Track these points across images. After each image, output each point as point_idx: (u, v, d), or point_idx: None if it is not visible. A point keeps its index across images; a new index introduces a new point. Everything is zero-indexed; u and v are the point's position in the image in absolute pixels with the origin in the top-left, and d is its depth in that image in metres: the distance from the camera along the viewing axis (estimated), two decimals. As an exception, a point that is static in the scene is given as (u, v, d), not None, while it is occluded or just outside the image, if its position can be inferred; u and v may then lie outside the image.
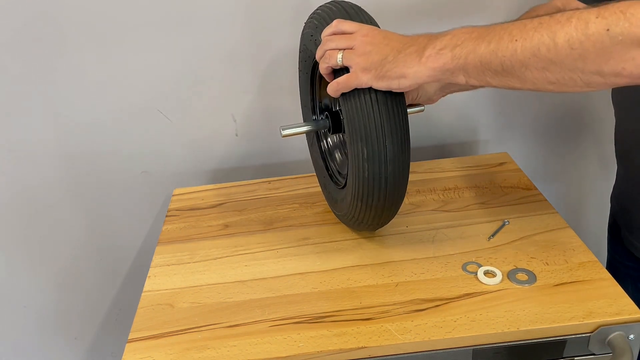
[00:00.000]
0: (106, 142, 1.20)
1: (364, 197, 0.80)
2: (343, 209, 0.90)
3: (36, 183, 1.22)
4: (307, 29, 0.89)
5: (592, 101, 1.27)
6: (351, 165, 0.80)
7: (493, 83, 0.67)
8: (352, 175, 0.80)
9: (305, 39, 0.90)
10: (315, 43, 0.84)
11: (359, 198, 0.81)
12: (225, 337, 0.79)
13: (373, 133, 0.74)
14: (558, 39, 0.60)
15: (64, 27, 1.08)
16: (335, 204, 0.95)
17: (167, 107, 1.18)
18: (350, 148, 0.78)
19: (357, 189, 0.80)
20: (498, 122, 1.27)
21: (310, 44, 0.87)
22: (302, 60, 0.96)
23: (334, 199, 0.96)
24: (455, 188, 1.08)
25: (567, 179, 1.36)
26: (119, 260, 1.34)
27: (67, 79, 1.13)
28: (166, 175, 1.25)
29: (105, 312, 1.40)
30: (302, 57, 0.96)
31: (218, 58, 1.14)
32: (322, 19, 0.84)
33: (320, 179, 1.04)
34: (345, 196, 0.87)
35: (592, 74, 0.60)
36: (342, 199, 0.90)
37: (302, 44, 0.93)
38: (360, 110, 0.74)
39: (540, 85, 0.64)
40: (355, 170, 0.78)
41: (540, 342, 0.76)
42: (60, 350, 1.44)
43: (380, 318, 0.79)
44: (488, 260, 0.88)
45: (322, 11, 0.85)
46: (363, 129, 0.74)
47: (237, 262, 0.94)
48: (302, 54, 0.95)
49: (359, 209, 0.83)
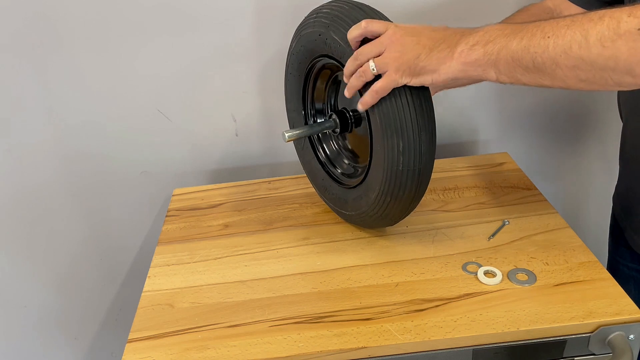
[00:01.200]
0: (106, 142, 1.20)
1: (394, 191, 0.81)
2: (360, 207, 0.90)
3: (36, 183, 1.22)
4: (312, 28, 0.86)
5: (593, 101, 1.27)
6: (382, 161, 0.80)
7: (523, 80, 0.67)
8: (384, 170, 0.80)
9: (308, 39, 0.88)
10: (325, 42, 0.83)
11: (388, 192, 0.82)
12: (225, 337, 0.79)
13: (408, 126, 0.76)
14: (590, 37, 0.59)
15: (63, 27, 1.08)
16: (345, 205, 0.94)
17: (167, 107, 1.18)
18: (382, 143, 0.78)
19: (388, 183, 0.80)
20: (498, 122, 1.27)
21: (317, 43, 0.86)
22: (296, 62, 0.94)
23: (343, 200, 0.95)
24: (455, 188, 1.08)
25: (567, 179, 1.36)
26: (119, 260, 1.34)
27: (67, 79, 1.13)
28: (166, 175, 1.25)
29: (105, 312, 1.40)
30: (295, 59, 0.94)
31: (218, 58, 1.14)
32: (335, 17, 0.82)
33: (316, 182, 1.02)
34: (365, 193, 0.87)
35: (623, 74, 0.60)
36: (358, 197, 0.90)
37: (298, 45, 0.92)
38: (394, 104, 0.76)
39: (570, 83, 0.64)
40: (387, 165, 0.79)
41: (540, 342, 0.76)
42: (60, 350, 1.44)
43: (380, 318, 0.79)
44: (488, 260, 0.88)
45: (332, 9, 0.83)
46: (398, 123, 0.76)
47: (237, 262, 0.94)
48: (296, 56, 0.93)
49: (387, 203, 0.83)
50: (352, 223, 0.98)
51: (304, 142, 1.01)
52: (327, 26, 0.83)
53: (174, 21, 1.10)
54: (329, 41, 0.83)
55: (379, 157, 0.80)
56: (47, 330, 1.41)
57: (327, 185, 0.99)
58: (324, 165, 0.99)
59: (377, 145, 0.80)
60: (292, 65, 0.96)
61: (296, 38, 0.92)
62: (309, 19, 0.88)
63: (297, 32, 0.92)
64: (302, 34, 0.90)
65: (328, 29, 0.83)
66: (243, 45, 1.13)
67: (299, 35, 0.91)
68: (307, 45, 0.89)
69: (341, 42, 0.80)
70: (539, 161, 1.33)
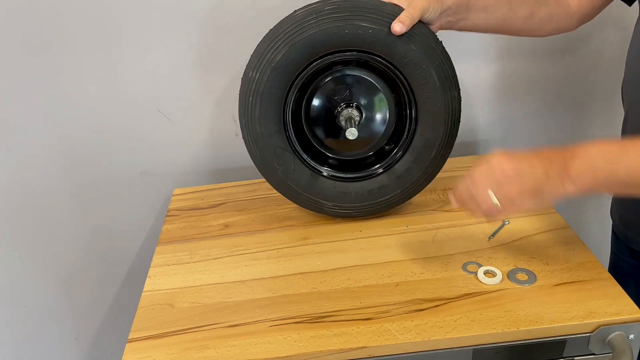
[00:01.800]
0: (106, 142, 1.20)
1: (450, 141, 0.94)
2: (410, 178, 0.96)
3: (36, 183, 1.22)
4: (318, 27, 0.85)
5: (593, 101, 1.27)
6: (442, 114, 0.91)
7: (629, 192, 0.73)
8: (445, 123, 0.91)
9: (311, 40, 0.86)
10: (343, 34, 0.85)
11: (447, 144, 0.94)
12: (225, 337, 0.79)
13: (455, 78, 0.90)
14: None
15: (63, 27, 1.08)
16: (369, 193, 0.97)
17: (167, 107, 1.18)
18: (442, 97, 0.89)
19: (449, 135, 0.93)
20: (498, 122, 1.26)
21: (324, 41, 0.86)
22: (280, 74, 0.89)
23: (365, 190, 0.97)
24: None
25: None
26: (119, 260, 1.34)
27: (67, 80, 1.13)
28: (166, 175, 1.25)
29: (105, 312, 1.40)
30: (280, 71, 0.88)
31: (218, 58, 1.14)
32: (353, 7, 0.85)
33: (313, 194, 0.98)
34: (419, 158, 0.94)
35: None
36: (407, 170, 0.96)
37: (290, 53, 0.87)
38: (446, 59, 0.89)
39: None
40: (449, 117, 0.91)
41: (540, 342, 0.76)
42: (60, 350, 1.44)
43: (380, 318, 0.79)
44: (488, 260, 0.88)
45: (338, 3, 0.85)
46: (450, 74, 0.89)
47: (237, 262, 0.94)
48: (282, 68, 0.88)
49: (444, 157, 0.95)
50: (361, 215, 0.99)
51: (286, 158, 0.96)
52: (343, 19, 0.85)
53: (174, 21, 1.10)
54: (350, 32, 0.85)
55: (438, 113, 0.91)
56: (47, 330, 1.41)
57: (340, 187, 0.98)
58: (328, 173, 0.99)
59: (433, 101, 0.90)
60: (271, 81, 0.89)
61: (283, 47, 0.87)
62: (305, 20, 0.86)
63: (285, 40, 0.87)
64: (296, 39, 0.86)
65: (347, 20, 0.84)
66: (244, 45, 1.13)
67: (289, 44, 0.86)
68: (302, 49, 0.87)
69: (373, 26, 0.85)
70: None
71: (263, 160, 0.95)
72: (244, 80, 0.91)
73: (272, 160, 0.95)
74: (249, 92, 0.90)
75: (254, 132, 0.93)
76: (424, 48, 0.87)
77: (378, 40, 0.86)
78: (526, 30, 0.96)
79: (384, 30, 0.85)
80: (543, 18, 0.95)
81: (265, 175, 0.97)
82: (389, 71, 0.91)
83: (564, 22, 0.97)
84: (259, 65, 0.89)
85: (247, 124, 0.93)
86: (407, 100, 0.94)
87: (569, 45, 1.20)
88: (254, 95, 0.90)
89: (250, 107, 0.91)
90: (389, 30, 0.85)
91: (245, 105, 0.91)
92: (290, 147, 0.95)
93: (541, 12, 0.94)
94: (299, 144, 0.97)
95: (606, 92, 1.25)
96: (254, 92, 0.90)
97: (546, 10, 0.94)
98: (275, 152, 0.94)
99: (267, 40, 0.89)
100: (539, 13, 0.94)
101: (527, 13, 0.93)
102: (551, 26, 0.97)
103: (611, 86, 1.21)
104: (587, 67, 1.23)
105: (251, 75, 0.89)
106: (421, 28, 0.87)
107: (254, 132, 0.93)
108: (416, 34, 0.86)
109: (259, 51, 0.89)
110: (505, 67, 1.21)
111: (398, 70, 0.90)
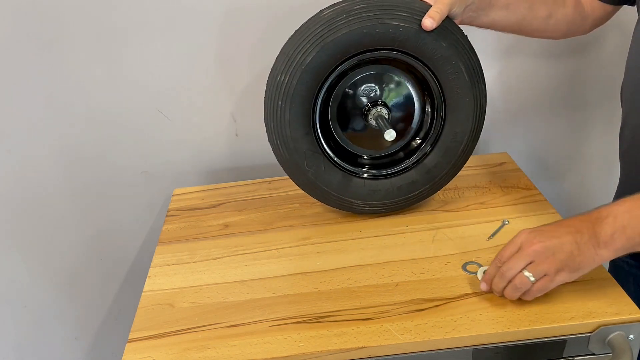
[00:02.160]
0: (106, 142, 1.20)
1: (477, 134, 0.95)
2: (440, 169, 0.97)
3: (36, 183, 1.22)
4: (349, 27, 0.83)
5: (594, 102, 1.27)
6: (471, 108, 0.92)
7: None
8: (473, 116, 0.92)
9: (342, 41, 0.84)
10: (374, 33, 0.84)
11: (475, 138, 0.95)
12: (225, 337, 0.79)
13: (480, 71, 0.91)
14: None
15: (64, 27, 1.08)
16: (399, 190, 0.98)
17: (167, 107, 1.18)
18: (471, 92, 0.90)
19: (477, 126, 0.94)
20: (498, 122, 1.26)
21: (354, 41, 0.85)
22: (309, 77, 0.87)
23: (394, 187, 0.98)
24: (455, 188, 1.08)
25: (567, 179, 1.36)
26: (119, 260, 1.34)
27: (67, 79, 1.13)
28: (166, 175, 1.25)
29: (105, 312, 1.40)
30: (309, 73, 0.86)
31: (218, 58, 1.14)
32: (381, 6, 0.84)
33: (344, 194, 0.97)
34: (448, 152, 0.95)
35: None
36: (438, 163, 0.96)
37: (320, 55, 0.85)
38: (474, 54, 0.89)
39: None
40: (477, 111, 0.92)
41: (540, 342, 0.76)
42: (60, 351, 1.44)
43: (380, 318, 0.79)
44: (488, 260, 0.88)
45: (364, 3, 0.84)
46: (478, 70, 0.90)
47: (237, 262, 0.94)
48: (311, 70, 0.86)
49: (471, 148, 0.96)
50: (415, 202, 1.01)
51: (311, 163, 0.95)
52: (373, 18, 0.84)
53: (174, 21, 1.10)
54: (380, 31, 0.84)
55: (467, 108, 0.91)
56: (48, 330, 1.41)
57: (370, 186, 0.98)
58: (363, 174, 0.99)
59: (461, 95, 0.90)
60: (301, 83, 0.87)
61: (314, 49, 0.85)
62: (335, 21, 0.84)
63: (314, 42, 0.85)
64: (327, 41, 0.84)
65: (377, 19, 0.84)
66: (244, 45, 1.13)
67: (319, 45, 0.85)
68: (333, 50, 0.85)
69: (403, 24, 0.84)
70: (539, 161, 1.33)
71: (293, 163, 0.94)
72: (270, 84, 0.89)
73: (302, 163, 0.93)
74: (278, 95, 0.88)
75: (283, 135, 0.91)
76: (453, 44, 0.87)
77: (408, 38, 0.85)
78: (542, 30, 0.97)
79: (414, 27, 0.84)
80: (560, 20, 0.96)
81: (293, 177, 0.96)
82: (418, 68, 0.91)
83: (578, 25, 0.98)
84: (287, 69, 0.86)
85: (276, 128, 0.90)
86: (435, 96, 0.93)
87: (570, 47, 1.20)
88: (283, 99, 0.88)
89: (279, 111, 0.89)
90: (419, 28, 0.84)
91: (274, 109, 0.89)
92: (320, 148, 0.94)
93: (559, 14, 0.95)
94: (328, 145, 0.96)
95: (608, 93, 1.25)
96: (284, 95, 0.87)
97: (563, 11, 0.95)
98: (305, 155, 0.93)
99: (295, 42, 0.87)
100: (556, 14, 0.95)
101: (546, 14, 0.94)
102: (566, 28, 0.97)
103: (612, 88, 1.21)
104: (587, 68, 1.23)
105: (280, 79, 0.87)
106: (449, 23, 0.86)
107: (283, 135, 0.91)
108: (445, 30, 0.86)
109: (286, 54, 0.87)
110: (506, 67, 1.21)
111: (427, 66, 0.90)
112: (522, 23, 0.94)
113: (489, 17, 0.91)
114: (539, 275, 0.74)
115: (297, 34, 0.88)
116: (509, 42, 1.18)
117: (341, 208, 1.00)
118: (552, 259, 0.73)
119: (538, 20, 0.94)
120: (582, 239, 0.72)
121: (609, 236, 0.71)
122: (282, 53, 0.89)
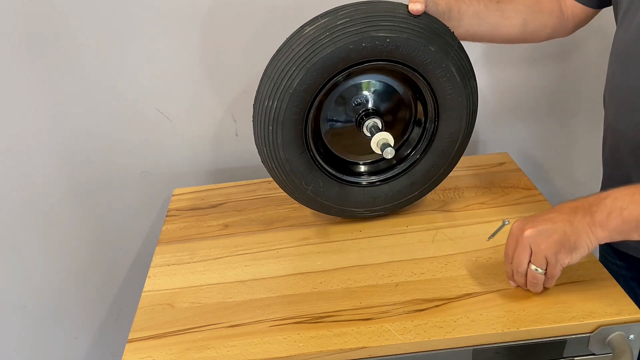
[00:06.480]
0: (106, 142, 1.20)
1: (470, 131, 0.94)
2: (435, 171, 0.96)
3: (36, 183, 1.22)
4: (334, 45, 0.81)
5: (594, 103, 1.27)
6: (464, 106, 0.90)
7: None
8: (466, 115, 0.91)
9: (331, 57, 0.81)
10: (360, 48, 0.81)
11: (467, 135, 0.94)
12: (225, 337, 0.79)
13: (470, 68, 0.89)
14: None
15: (64, 27, 1.08)
16: (413, 186, 0.97)
17: (167, 107, 1.18)
18: (463, 90, 0.89)
19: (469, 125, 0.93)
20: (498, 122, 1.27)
21: (342, 57, 0.82)
22: (299, 98, 0.84)
23: (394, 191, 0.97)
24: (455, 188, 1.08)
25: (567, 179, 1.36)
26: (119, 260, 1.34)
27: (67, 79, 1.13)
28: (166, 175, 1.25)
29: (105, 312, 1.40)
30: (298, 95, 0.84)
31: (218, 58, 1.14)
32: (364, 19, 0.81)
33: (344, 205, 0.97)
34: (443, 153, 0.95)
35: None
36: (433, 165, 0.96)
37: (308, 76, 0.82)
38: (464, 54, 0.88)
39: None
40: (469, 109, 0.91)
41: (540, 342, 0.76)
42: (60, 350, 1.44)
43: (380, 318, 0.79)
44: (488, 260, 0.88)
45: (351, 16, 0.81)
46: (469, 68, 0.89)
47: (237, 262, 0.94)
48: (301, 92, 0.83)
49: (465, 145, 0.95)
50: (416, 200, 1.00)
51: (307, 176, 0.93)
52: (358, 32, 0.81)
53: (174, 21, 1.10)
54: (367, 45, 0.81)
55: (460, 107, 0.90)
56: (47, 330, 1.41)
57: (367, 192, 0.97)
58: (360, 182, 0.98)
59: (454, 96, 0.89)
60: (290, 107, 0.84)
61: (299, 72, 0.82)
62: (318, 40, 0.81)
63: (299, 64, 0.82)
64: (312, 62, 0.81)
65: (362, 33, 0.81)
66: (244, 45, 1.13)
67: (305, 67, 0.82)
68: (319, 71, 0.83)
69: (390, 34, 0.82)
70: (539, 161, 1.33)
71: (290, 184, 0.92)
72: (258, 109, 0.86)
73: (300, 183, 0.92)
74: (269, 121, 0.85)
75: (278, 159, 0.89)
76: (442, 46, 0.85)
77: (396, 47, 0.83)
78: (521, 38, 0.96)
79: (401, 37, 0.82)
80: (537, 26, 0.95)
81: (293, 195, 0.95)
82: (408, 74, 0.89)
83: (559, 29, 0.97)
84: (274, 94, 0.84)
85: (270, 152, 0.88)
86: (428, 99, 0.92)
87: (570, 47, 1.20)
88: (274, 124, 0.85)
89: (271, 136, 0.87)
90: (407, 37, 0.82)
91: (265, 134, 0.87)
92: (316, 165, 0.92)
93: (535, 21, 0.94)
94: (323, 160, 0.94)
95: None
96: (274, 120, 0.85)
97: (540, 18, 0.94)
98: (302, 175, 0.91)
99: (279, 64, 0.84)
100: (533, 22, 0.94)
101: (520, 21, 0.93)
102: (546, 33, 0.97)
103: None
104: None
105: (268, 104, 0.84)
106: (436, 24, 0.85)
107: (278, 159, 0.89)
108: (432, 33, 0.84)
109: (271, 77, 0.84)
110: (506, 67, 1.21)
111: (417, 72, 0.87)
112: (497, 30, 0.93)
113: (462, 28, 0.90)
114: (543, 264, 0.75)
115: (279, 55, 0.84)
116: (502, 46, 1.17)
117: (343, 217, 1.00)
118: (547, 242, 0.73)
119: (514, 27, 0.93)
120: (576, 218, 0.72)
121: (605, 215, 0.71)
122: (266, 76, 0.86)
